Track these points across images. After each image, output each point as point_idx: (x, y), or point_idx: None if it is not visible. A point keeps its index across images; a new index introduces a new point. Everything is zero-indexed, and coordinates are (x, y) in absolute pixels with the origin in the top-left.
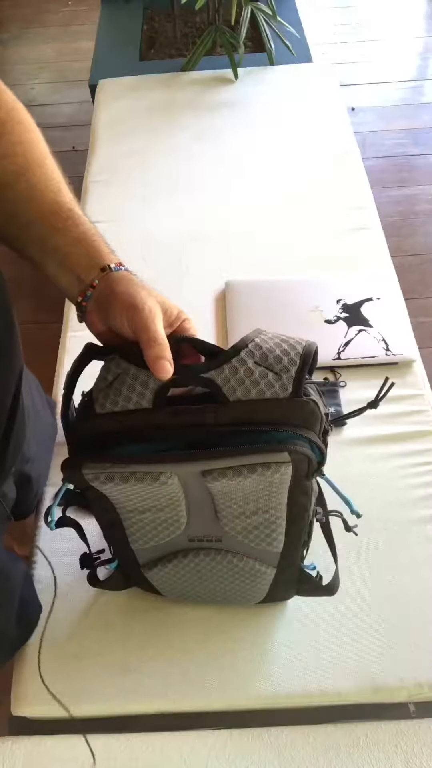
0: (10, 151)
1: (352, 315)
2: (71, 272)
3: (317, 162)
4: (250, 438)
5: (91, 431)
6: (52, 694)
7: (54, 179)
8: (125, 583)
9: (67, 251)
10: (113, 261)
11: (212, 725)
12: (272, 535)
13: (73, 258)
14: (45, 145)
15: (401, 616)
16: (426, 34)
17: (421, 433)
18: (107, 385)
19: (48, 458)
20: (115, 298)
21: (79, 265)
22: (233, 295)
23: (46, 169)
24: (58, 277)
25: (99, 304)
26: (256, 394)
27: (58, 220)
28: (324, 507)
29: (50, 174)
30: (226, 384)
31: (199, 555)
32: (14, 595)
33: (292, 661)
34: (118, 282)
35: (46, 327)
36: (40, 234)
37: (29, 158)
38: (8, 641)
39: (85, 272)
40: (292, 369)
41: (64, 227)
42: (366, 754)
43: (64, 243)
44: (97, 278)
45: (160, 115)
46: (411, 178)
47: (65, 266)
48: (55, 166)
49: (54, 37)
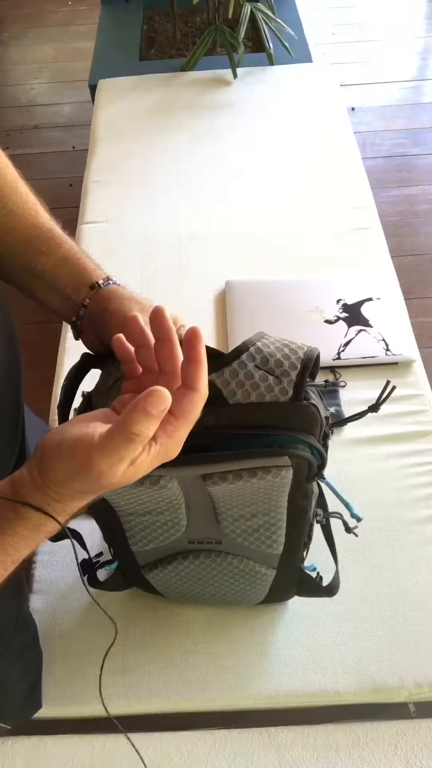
0: None
1: (352, 315)
2: (60, 293)
3: (317, 162)
4: (250, 441)
5: None
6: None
7: (29, 202)
8: (125, 584)
9: (54, 273)
10: (101, 277)
11: (212, 725)
12: (272, 538)
13: (62, 279)
14: (14, 170)
15: (401, 616)
16: (426, 34)
17: (421, 433)
18: (107, 388)
19: None
20: (109, 316)
21: (68, 286)
22: (233, 295)
23: (21, 192)
24: (48, 299)
25: (93, 323)
26: (256, 397)
27: (40, 242)
28: (324, 508)
29: (25, 197)
30: (226, 387)
31: (200, 557)
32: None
33: (292, 661)
34: (109, 299)
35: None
36: (24, 260)
37: (1, 183)
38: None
39: (75, 292)
40: (292, 373)
41: (48, 249)
42: (366, 754)
43: (49, 265)
44: (88, 297)
45: (160, 115)
46: (411, 178)
47: (54, 288)
48: (27, 189)
49: (54, 37)
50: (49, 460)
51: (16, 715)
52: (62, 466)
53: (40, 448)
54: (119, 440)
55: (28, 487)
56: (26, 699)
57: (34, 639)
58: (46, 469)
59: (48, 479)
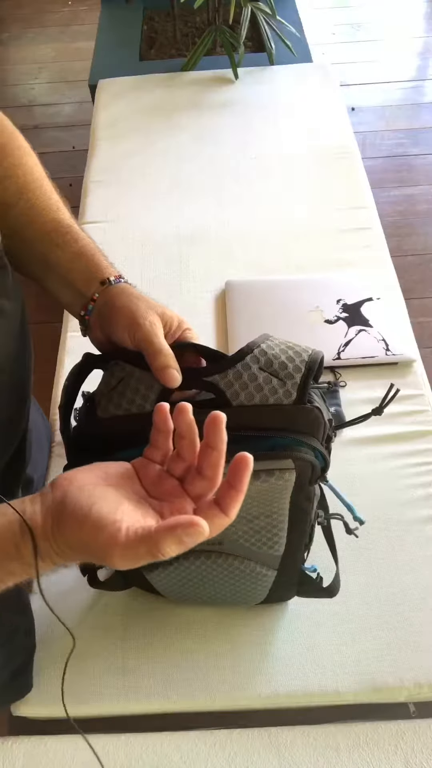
0: (11, 173)
1: (352, 315)
2: (72, 287)
3: (317, 162)
4: (252, 443)
5: (92, 436)
6: (52, 694)
7: (52, 198)
8: (125, 584)
9: (67, 266)
10: (112, 274)
11: (212, 725)
12: (273, 539)
13: (74, 273)
14: (41, 169)
15: (401, 616)
16: (426, 34)
17: (421, 433)
18: (111, 389)
19: (44, 458)
20: (116, 313)
21: (80, 280)
22: (233, 295)
23: (45, 189)
24: (59, 292)
25: (101, 319)
26: (260, 399)
27: (58, 236)
28: (326, 510)
29: (48, 194)
30: (229, 388)
31: (200, 558)
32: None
33: (292, 661)
34: (118, 296)
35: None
36: (41, 250)
37: (29, 179)
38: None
39: (86, 286)
40: (297, 376)
41: (64, 242)
42: (366, 754)
43: (64, 258)
44: (98, 292)
45: (160, 115)
46: (411, 178)
47: (66, 281)
48: (52, 187)
49: (54, 37)
50: (68, 526)
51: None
52: (80, 539)
53: (60, 503)
54: (144, 552)
55: (37, 531)
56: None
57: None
58: (62, 530)
59: (61, 540)
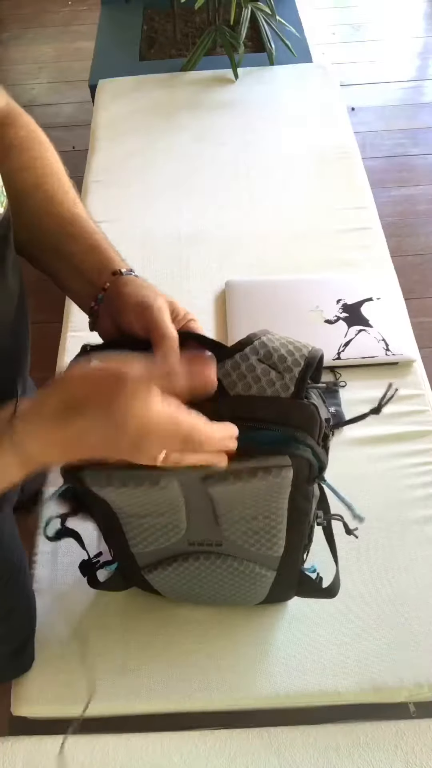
0: (30, 164)
1: (352, 315)
2: (83, 277)
3: (317, 162)
4: (248, 434)
5: None
6: (52, 694)
7: (70, 193)
8: (125, 585)
9: (81, 258)
10: (124, 267)
11: (212, 725)
12: (273, 540)
13: (87, 264)
14: (62, 166)
15: (401, 616)
16: (426, 34)
17: (421, 433)
18: None
19: None
20: (125, 297)
21: (92, 270)
22: (233, 295)
23: (63, 183)
24: (70, 281)
25: (109, 307)
26: (257, 390)
27: (73, 228)
28: (326, 511)
29: (66, 188)
30: (226, 378)
31: (200, 559)
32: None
33: (292, 661)
34: (126, 284)
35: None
36: (56, 241)
37: (47, 172)
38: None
39: (97, 276)
40: (295, 369)
41: (80, 235)
42: (366, 754)
43: (78, 250)
44: (109, 281)
45: (160, 115)
46: (411, 178)
47: (78, 271)
48: (69, 182)
49: (54, 37)
50: (71, 382)
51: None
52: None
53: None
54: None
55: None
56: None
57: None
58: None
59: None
